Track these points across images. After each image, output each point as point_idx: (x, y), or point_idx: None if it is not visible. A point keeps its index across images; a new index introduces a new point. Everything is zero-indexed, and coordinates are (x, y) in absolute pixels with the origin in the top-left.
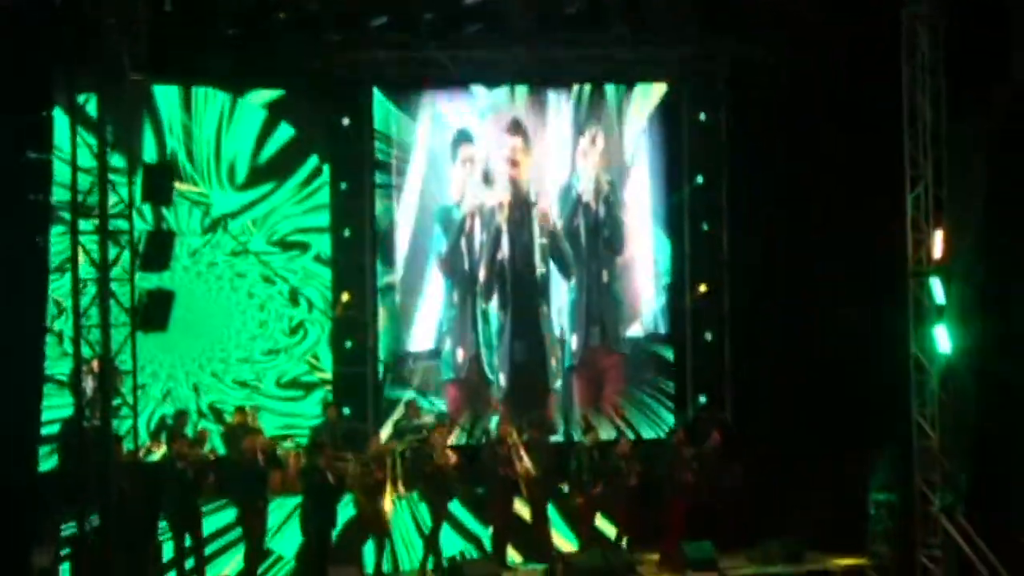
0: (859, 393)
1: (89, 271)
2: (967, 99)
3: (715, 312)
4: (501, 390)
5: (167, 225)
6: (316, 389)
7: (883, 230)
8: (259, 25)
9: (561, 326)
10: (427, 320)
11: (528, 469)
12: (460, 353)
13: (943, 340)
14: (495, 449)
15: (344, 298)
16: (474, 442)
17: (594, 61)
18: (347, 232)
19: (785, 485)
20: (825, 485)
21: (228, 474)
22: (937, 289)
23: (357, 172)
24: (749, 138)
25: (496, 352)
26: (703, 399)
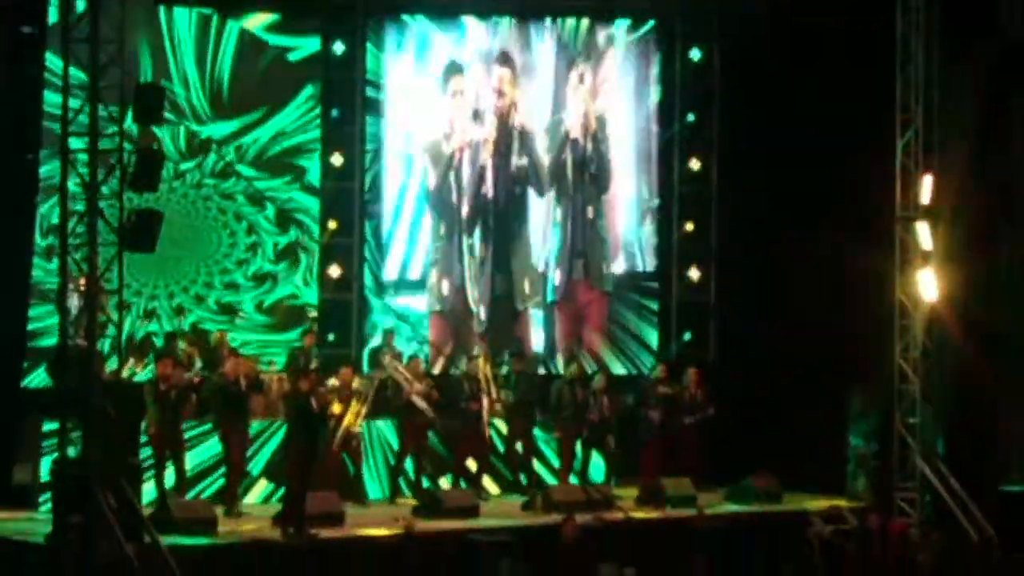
0: (843, 335)
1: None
2: (957, 48)
3: (701, 251)
4: (481, 324)
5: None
6: (299, 315)
7: (872, 173)
8: None
9: (546, 261)
10: (414, 251)
11: (498, 404)
12: (446, 285)
13: (928, 285)
14: (462, 383)
15: (331, 225)
16: (458, 373)
17: None
18: (337, 159)
19: (765, 424)
20: (805, 426)
21: (210, 397)
22: (924, 234)
23: (348, 99)
24: (741, 76)
25: (478, 285)
26: (687, 337)
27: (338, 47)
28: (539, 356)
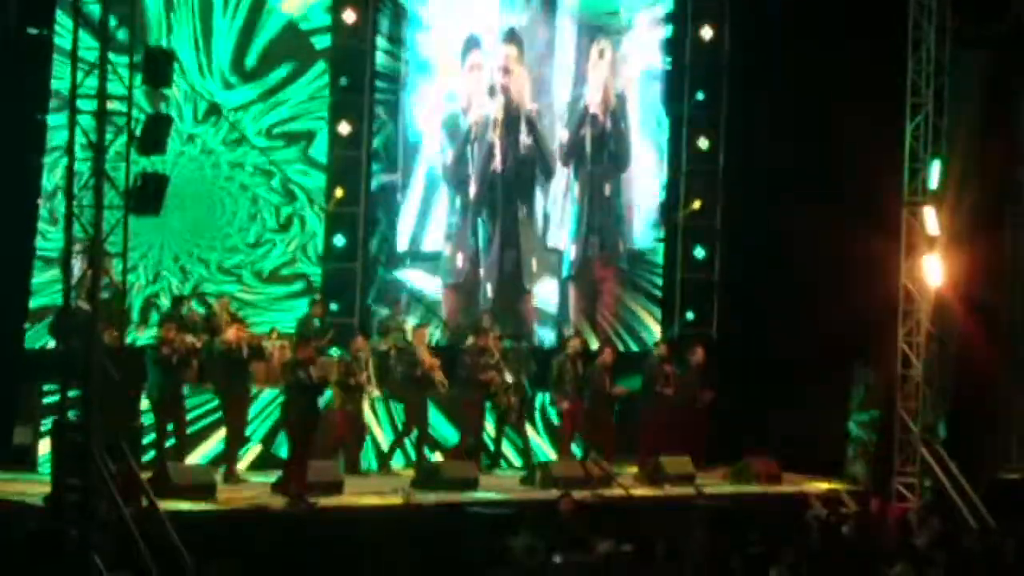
0: (846, 317)
1: (85, 153)
2: (967, 32)
3: (707, 229)
4: (487, 300)
5: (165, 110)
6: (303, 283)
7: (880, 156)
8: None
9: (561, 236)
10: (430, 224)
11: (504, 377)
12: (460, 258)
13: (933, 271)
14: (475, 356)
15: (338, 194)
16: (461, 346)
17: None
18: (344, 127)
19: (766, 405)
20: (806, 407)
21: (211, 362)
22: (931, 219)
23: (358, 68)
24: (751, 56)
25: (486, 261)
26: (690, 315)
27: (348, 16)
28: (531, 331)
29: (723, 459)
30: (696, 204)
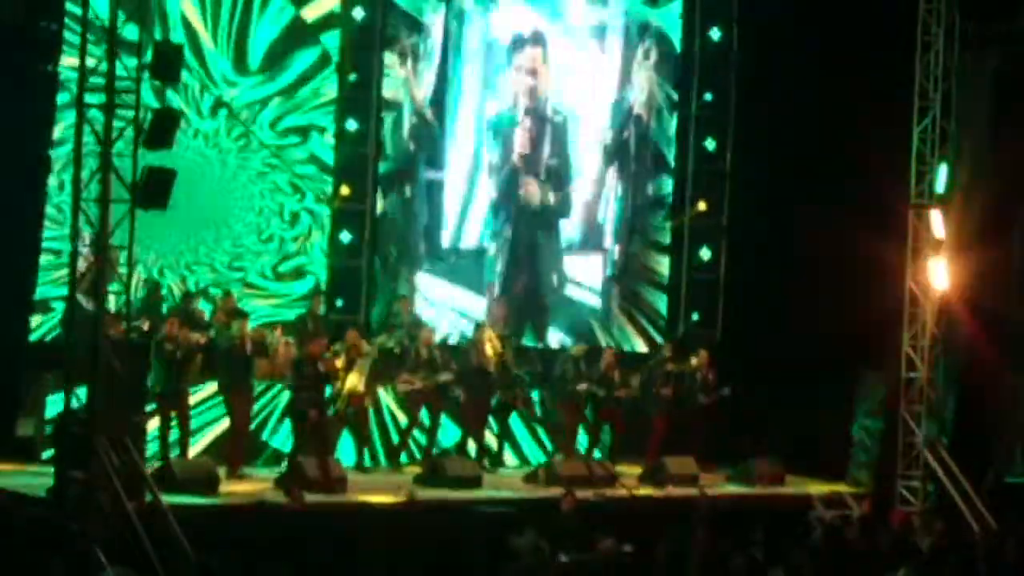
0: (852, 320)
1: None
2: (975, 35)
3: (713, 230)
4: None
5: (173, 104)
6: (309, 279)
7: (888, 158)
8: None
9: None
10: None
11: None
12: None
13: (939, 274)
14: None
15: (344, 191)
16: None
17: None
18: (351, 124)
19: (771, 406)
20: (810, 409)
21: (215, 359)
22: (937, 222)
23: (366, 63)
24: (760, 58)
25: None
26: (695, 317)
27: (357, 12)
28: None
29: (726, 460)
30: (702, 205)
